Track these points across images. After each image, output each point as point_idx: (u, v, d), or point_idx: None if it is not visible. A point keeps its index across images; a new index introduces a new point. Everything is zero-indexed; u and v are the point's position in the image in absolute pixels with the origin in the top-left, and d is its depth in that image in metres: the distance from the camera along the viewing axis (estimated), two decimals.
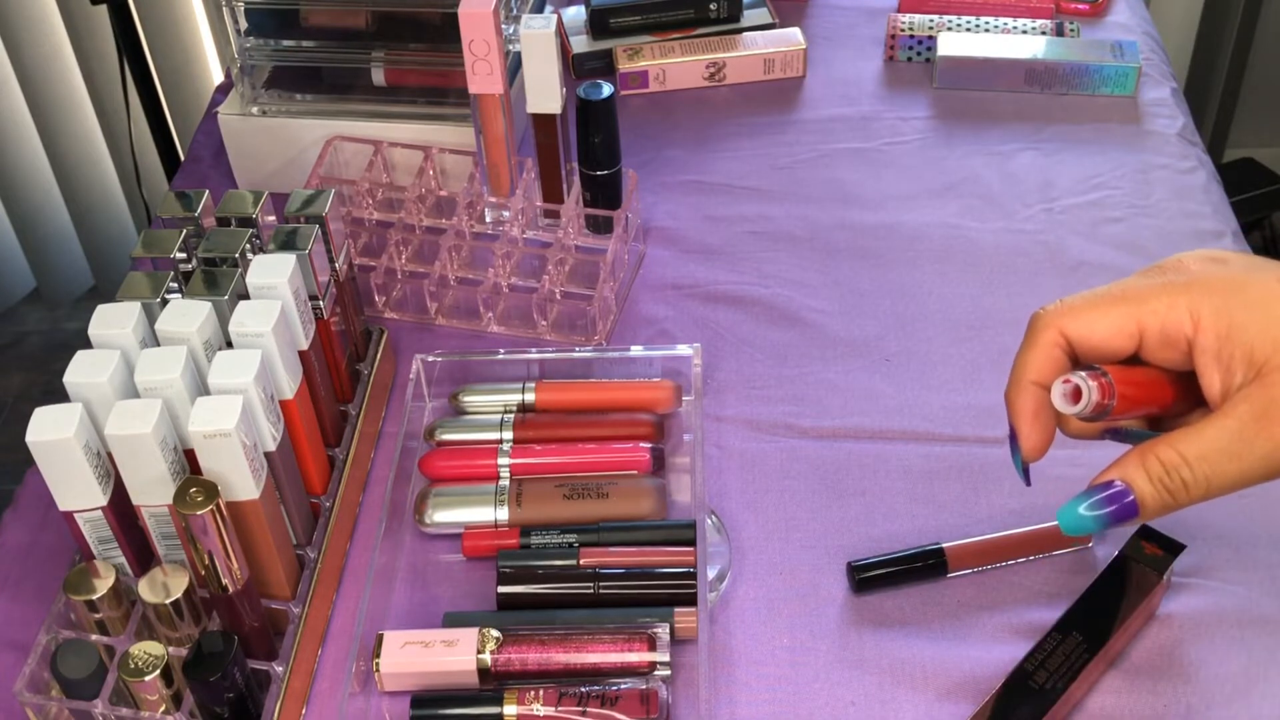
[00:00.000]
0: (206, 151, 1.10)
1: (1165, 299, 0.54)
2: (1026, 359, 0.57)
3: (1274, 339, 0.52)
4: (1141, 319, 0.55)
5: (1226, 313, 0.53)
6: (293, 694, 0.70)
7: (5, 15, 1.86)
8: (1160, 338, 0.54)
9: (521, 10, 1.00)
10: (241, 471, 0.66)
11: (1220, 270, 0.55)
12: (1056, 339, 0.56)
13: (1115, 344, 0.55)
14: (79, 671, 0.66)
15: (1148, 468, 0.53)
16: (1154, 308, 0.54)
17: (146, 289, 0.72)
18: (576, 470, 0.80)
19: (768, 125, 1.09)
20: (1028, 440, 0.58)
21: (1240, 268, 0.55)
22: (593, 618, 0.72)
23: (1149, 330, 0.54)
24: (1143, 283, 0.56)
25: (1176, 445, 0.53)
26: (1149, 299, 0.55)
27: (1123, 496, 0.54)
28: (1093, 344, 0.56)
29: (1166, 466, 0.53)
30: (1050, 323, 0.56)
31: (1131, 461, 0.54)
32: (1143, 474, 0.53)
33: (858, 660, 0.71)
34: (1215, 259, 0.56)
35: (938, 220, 0.99)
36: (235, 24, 1.01)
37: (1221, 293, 0.54)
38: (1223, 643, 0.70)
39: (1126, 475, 0.54)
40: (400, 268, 0.94)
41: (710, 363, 0.88)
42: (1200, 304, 0.54)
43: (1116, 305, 0.55)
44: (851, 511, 0.79)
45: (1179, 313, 0.54)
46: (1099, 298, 0.56)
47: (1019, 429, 0.58)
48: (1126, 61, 1.08)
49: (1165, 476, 0.53)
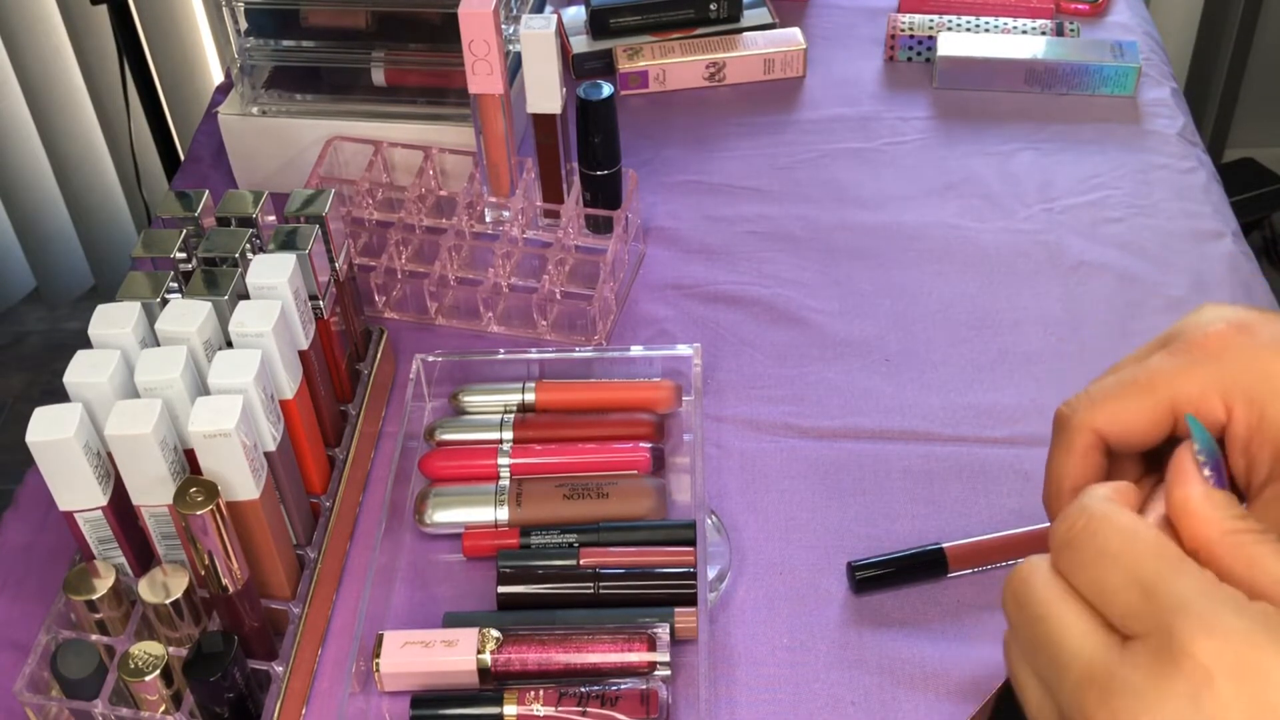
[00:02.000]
0: (206, 151, 1.10)
1: (1197, 385, 0.52)
2: (1064, 467, 0.55)
3: None
4: (1176, 408, 0.52)
5: (1259, 404, 0.51)
6: (293, 694, 0.70)
7: (5, 15, 1.86)
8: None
9: (521, 10, 1.00)
10: (241, 471, 0.66)
11: (1249, 345, 0.52)
12: (1092, 442, 0.54)
13: (1152, 437, 0.53)
14: (79, 671, 0.66)
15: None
16: (1187, 395, 0.52)
17: (146, 289, 0.72)
18: (576, 470, 0.80)
19: (768, 125, 1.10)
20: None
21: (1269, 340, 0.52)
22: (593, 618, 0.72)
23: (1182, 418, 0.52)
24: (1171, 364, 0.53)
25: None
26: (1180, 385, 0.52)
27: None
28: (1130, 440, 0.54)
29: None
30: (1083, 424, 0.54)
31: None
32: None
33: (858, 660, 0.71)
34: (1242, 327, 0.53)
35: (938, 220, 0.99)
36: (235, 24, 1.01)
37: (1253, 379, 0.51)
38: None
39: None
40: (400, 268, 0.94)
41: (710, 363, 0.88)
42: (1233, 392, 0.52)
43: (1147, 395, 0.53)
44: (851, 511, 0.79)
45: (1212, 401, 0.52)
46: (1126, 388, 0.54)
47: None
48: (1126, 61, 1.08)
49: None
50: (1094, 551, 0.44)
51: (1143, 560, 0.43)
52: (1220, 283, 0.92)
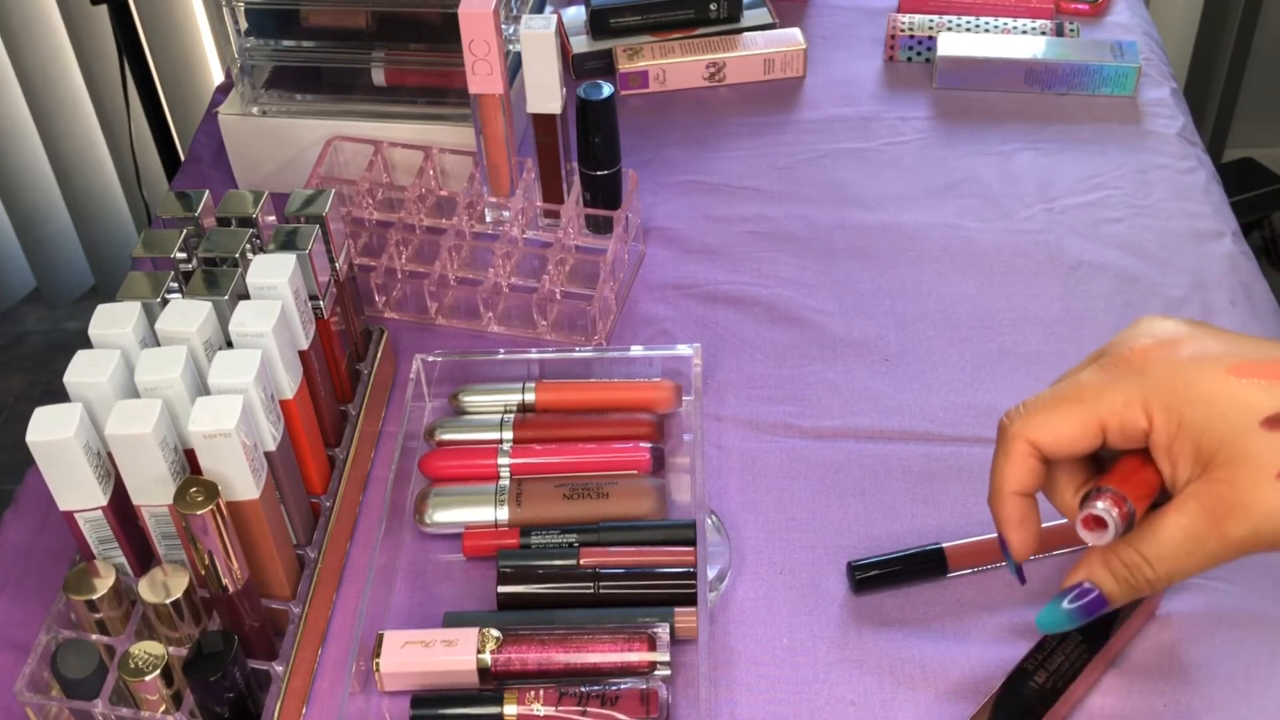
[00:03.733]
0: (206, 151, 1.10)
1: (1120, 396, 0.56)
2: (1003, 472, 0.60)
3: (1219, 436, 0.54)
4: (1101, 417, 0.57)
5: (1176, 410, 0.55)
6: (293, 694, 0.70)
7: (5, 15, 1.86)
8: (1120, 434, 0.57)
9: (521, 10, 1.00)
10: (241, 471, 0.66)
11: (1170, 359, 0.56)
12: (1027, 449, 0.59)
13: (1080, 444, 0.58)
14: (79, 671, 0.66)
15: (1111, 568, 0.57)
16: (1111, 406, 0.57)
17: (146, 289, 0.72)
18: (576, 470, 0.80)
19: (768, 125, 1.09)
20: (1018, 546, 0.61)
21: (1189, 353, 0.56)
22: (593, 618, 0.72)
23: (1110, 427, 0.57)
24: (1098, 379, 0.58)
25: (1137, 545, 0.56)
26: (1105, 397, 0.57)
27: (1090, 593, 0.58)
28: (1060, 448, 0.59)
29: (1129, 566, 0.56)
30: (1018, 433, 0.59)
31: (1096, 562, 0.58)
32: (1108, 574, 0.57)
33: (858, 660, 0.71)
34: (1166, 343, 0.57)
35: (938, 220, 0.99)
36: (235, 24, 1.01)
37: (1170, 389, 0.56)
38: (1223, 643, 0.70)
39: (1093, 576, 0.58)
40: (400, 268, 0.94)
41: (710, 363, 0.88)
42: (1152, 401, 0.56)
43: (1075, 407, 0.58)
44: (851, 511, 0.79)
45: (1134, 411, 0.56)
46: (1058, 401, 0.58)
47: (1007, 537, 0.61)
48: (1126, 61, 1.08)
49: (1129, 576, 0.57)
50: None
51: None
52: (1220, 283, 0.92)
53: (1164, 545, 0.55)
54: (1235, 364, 0.55)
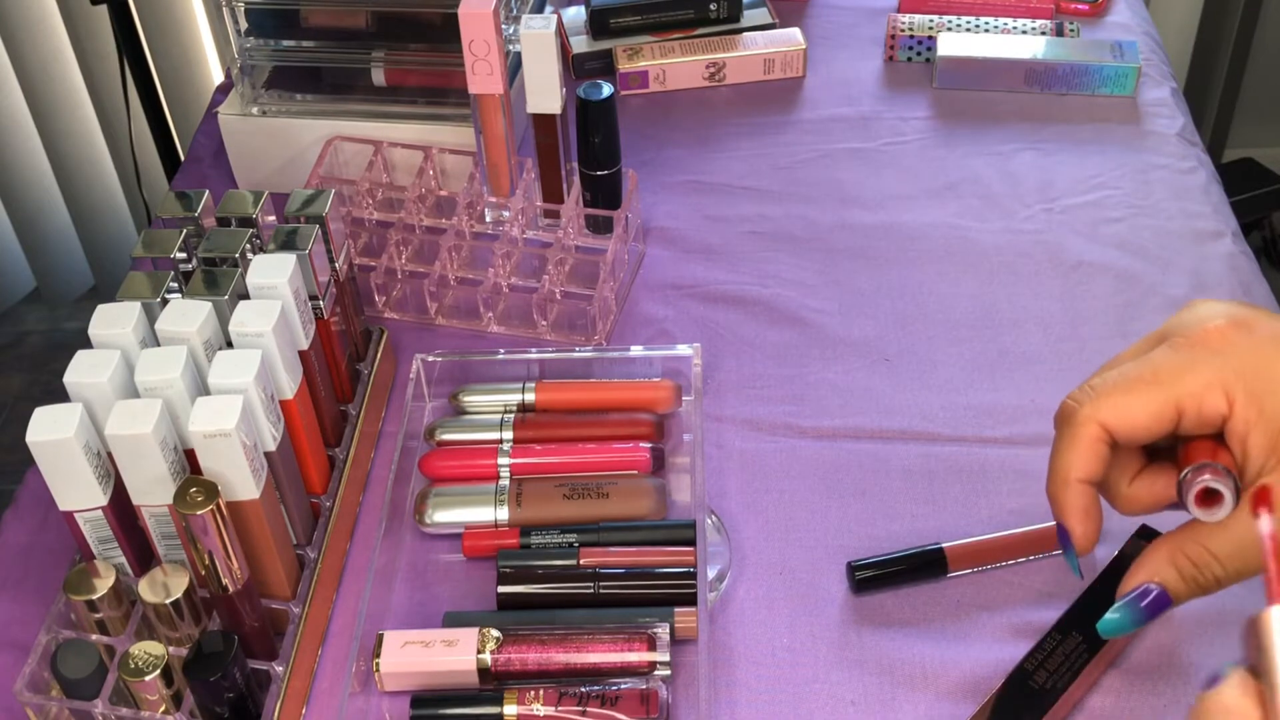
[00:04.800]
0: (206, 151, 1.10)
1: (1201, 380, 0.53)
2: (1070, 458, 0.56)
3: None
4: (1180, 400, 0.54)
5: (1257, 398, 0.52)
6: (293, 694, 0.70)
7: (5, 15, 1.86)
8: (1197, 418, 0.54)
9: (521, 10, 1.00)
10: (241, 471, 0.66)
11: (1249, 343, 0.53)
12: (1098, 433, 0.55)
13: (1156, 429, 0.55)
14: (79, 671, 0.66)
15: (1179, 566, 0.54)
16: (1191, 389, 0.53)
17: (146, 289, 0.72)
18: (576, 470, 0.80)
19: (768, 125, 1.09)
20: (1083, 538, 0.57)
21: (1268, 338, 0.53)
22: (593, 618, 0.72)
23: (1187, 411, 0.54)
24: (1173, 359, 0.54)
25: (1206, 543, 0.53)
26: (1184, 380, 0.53)
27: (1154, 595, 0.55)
28: (1134, 433, 0.55)
29: (1198, 564, 0.54)
30: (1089, 417, 0.55)
31: (1161, 559, 0.55)
32: (1174, 573, 0.54)
33: (858, 660, 0.71)
34: (1242, 324, 0.54)
35: (938, 220, 0.99)
36: (235, 24, 1.01)
37: (1254, 373, 0.53)
38: (1223, 643, 0.70)
39: (1159, 575, 0.55)
40: (400, 268, 0.94)
41: (710, 363, 0.88)
42: (1234, 385, 0.53)
43: (1152, 390, 0.54)
44: (851, 511, 0.79)
45: (1215, 395, 0.53)
46: (1132, 382, 0.55)
47: (1071, 527, 0.57)
48: (1126, 62, 1.08)
49: (1197, 574, 0.54)
50: None
51: None
52: (1220, 283, 0.92)
53: (1235, 543, 0.53)
54: None
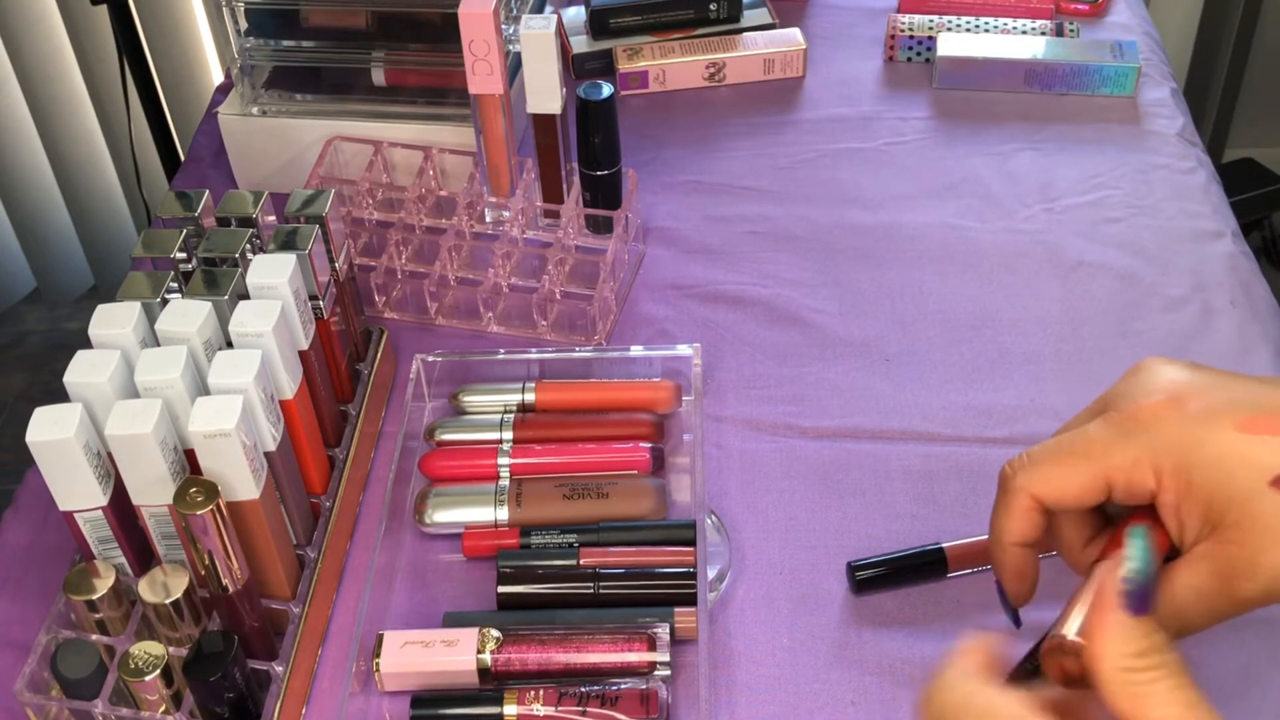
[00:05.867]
0: (206, 151, 1.10)
1: (1129, 455, 0.56)
2: (1004, 522, 0.59)
3: (1228, 497, 0.54)
4: (1108, 475, 0.56)
5: (1185, 471, 0.55)
6: (293, 694, 0.70)
7: (5, 15, 1.86)
8: (1126, 492, 0.56)
9: (521, 10, 1.00)
10: (241, 471, 0.66)
11: (1177, 418, 0.55)
12: (1030, 503, 0.58)
13: (1084, 500, 0.57)
14: (79, 671, 0.66)
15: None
16: (1119, 464, 0.56)
17: (146, 289, 0.72)
18: (576, 470, 0.80)
19: (768, 125, 1.10)
20: (1016, 595, 0.61)
21: (1197, 410, 0.55)
22: (593, 618, 0.72)
23: (1116, 485, 0.56)
24: (1106, 435, 0.57)
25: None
26: (1112, 454, 0.56)
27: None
28: (1064, 502, 0.58)
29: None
30: (1021, 486, 0.58)
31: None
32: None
33: (858, 660, 0.71)
34: (1175, 400, 0.56)
35: (938, 220, 0.99)
36: (235, 24, 1.01)
37: (1180, 449, 0.55)
38: (1223, 643, 0.70)
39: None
40: (400, 268, 0.94)
41: (710, 363, 0.88)
42: (1161, 462, 0.55)
43: (1082, 463, 0.57)
44: (851, 511, 0.79)
45: (1143, 471, 0.55)
46: (1063, 455, 0.58)
47: (1006, 586, 0.61)
48: (1126, 61, 1.08)
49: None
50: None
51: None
52: (1220, 283, 0.92)
53: (1175, 603, 0.55)
54: (1243, 420, 0.54)
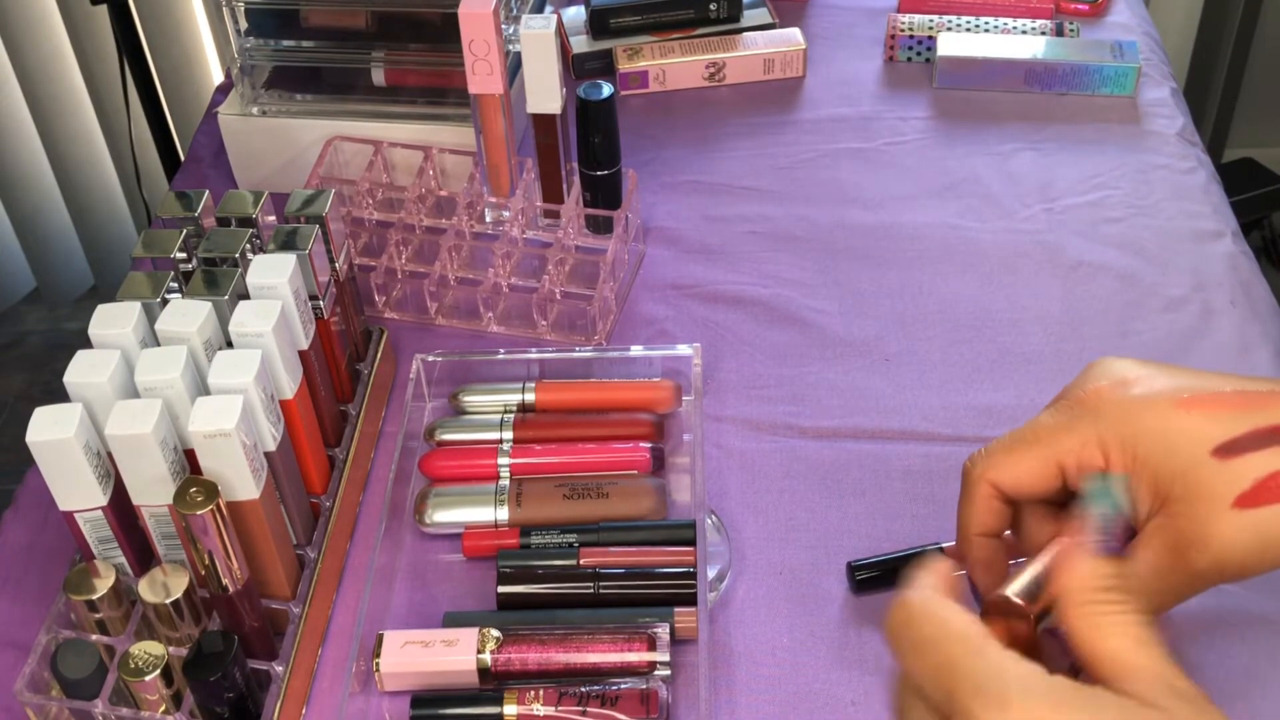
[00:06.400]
0: (206, 151, 1.10)
1: (1077, 436, 0.57)
2: (967, 514, 0.61)
3: (1172, 469, 0.55)
4: (1059, 458, 0.58)
5: (1131, 445, 0.56)
6: (293, 694, 0.70)
7: (5, 15, 1.86)
8: (1079, 473, 0.57)
9: (521, 10, 1.00)
10: (241, 471, 0.66)
11: (1122, 399, 0.57)
12: (989, 491, 0.60)
13: (1040, 485, 0.59)
14: (79, 671, 0.66)
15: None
16: (1068, 447, 0.57)
17: (146, 289, 0.72)
18: (576, 470, 0.80)
19: (768, 125, 1.10)
20: (986, 588, 0.62)
21: (1140, 391, 0.57)
22: (593, 618, 0.72)
23: (1068, 467, 0.58)
24: (1056, 420, 0.59)
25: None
26: (1061, 438, 0.58)
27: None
28: (1021, 489, 0.59)
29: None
30: (980, 476, 0.60)
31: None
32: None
33: (858, 660, 0.71)
34: (1119, 383, 0.58)
35: (938, 220, 0.99)
36: (235, 24, 1.01)
37: (1123, 424, 0.56)
38: (1223, 643, 0.70)
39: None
40: (400, 268, 0.94)
41: (710, 363, 0.88)
42: (1107, 439, 0.56)
43: (1033, 449, 0.58)
44: (851, 511, 0.79)
45: (1091, 449, 0.57)
46: (1017, 443, 0.59)
47: (975, 579, 0.62)
48: (1126, 61, 1.08)
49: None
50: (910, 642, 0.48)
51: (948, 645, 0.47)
52: (1220, 283, 0.92)
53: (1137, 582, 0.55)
54: (1182, 399, 0.56)
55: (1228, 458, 0.54)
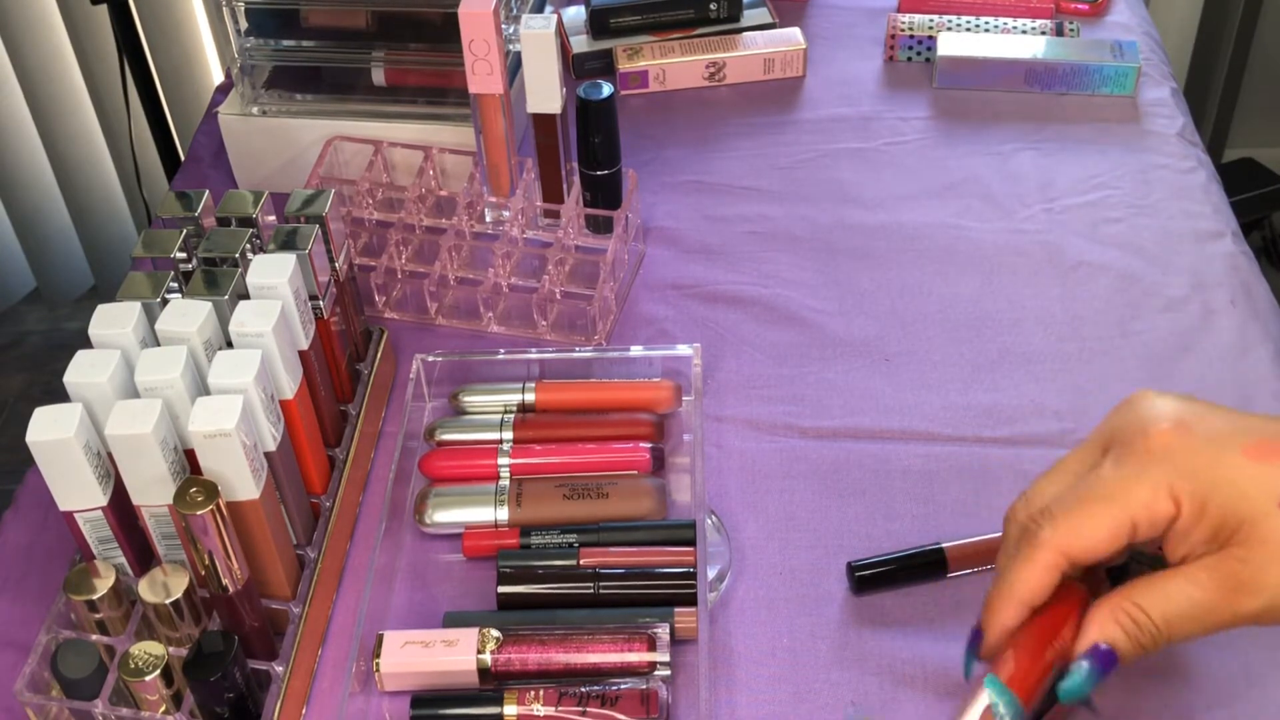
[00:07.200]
0: (206, 151, 1.10)
1: (1148, 489, 0.56)
2: (1028, 579, 0.58)
3: (1239, 515, 0.55)
4: (1133, 515, 0.56)
5: (1201, 497, 0.55)
6: (293, 694, 0.70)
7: (5, 15, 1.86)
8: (1149, 526, 0.56)
9: (521, 10, 1.00)
10: (241, 471, 0.66)
11: (1188, 444, 0.56)
12: (1057, 560, 0.57)
13: (1114, 547, 0.57)
14: (79, 671, 0.66)
15: (1121, 624, 0.57)
16: (1143, 501, 0.56)
17: (146, 289, 0.72)
18: (576, 470, 0.80)
19: (768, 125, 1.09)
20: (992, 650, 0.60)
21: (1204, 434, 0.56)
22: (593, 618, 0.72)
23: (1140, 523, 0.56)
24: (1121, 473, 0.57)
25: (1141, 602, 0.56)
26: (1134, 492, 0.56)
27: (1109, 656, 0.57)
28: (1090, 555, 0.57)
29: (1139, 625, 0.56)
30: (1049, 543, 0.57)
31: (1105, 619, 0.57)
32: (1119, 631, 0.57)
33: (858, 660, 0.71)
34: (1182, 426, 0.57)
35: (938, 220, 0.99)
36: (235, 24, 1.01)
37: (1194, 474, 0.56)
38: (1223, 643, 0.70)
39: (1107, 635, 0.57)
40: (400, 268, 0.94)
41: (710, 363, 0.88)
42: (1179, 488, 0.56)
43: (1108, 509, 0.57)
44: (851, 511, 0.79)
45: (1163, 501, 0.56)
46: (1086, 503, 0.57)
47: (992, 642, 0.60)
48: (1126, 61, 1.08)
49: (1138, 632, 0.57)
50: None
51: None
52: (1220, 283, 0.92)
53: (1171, 608, 0.56)
54: (1250, 444, 0.55)
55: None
